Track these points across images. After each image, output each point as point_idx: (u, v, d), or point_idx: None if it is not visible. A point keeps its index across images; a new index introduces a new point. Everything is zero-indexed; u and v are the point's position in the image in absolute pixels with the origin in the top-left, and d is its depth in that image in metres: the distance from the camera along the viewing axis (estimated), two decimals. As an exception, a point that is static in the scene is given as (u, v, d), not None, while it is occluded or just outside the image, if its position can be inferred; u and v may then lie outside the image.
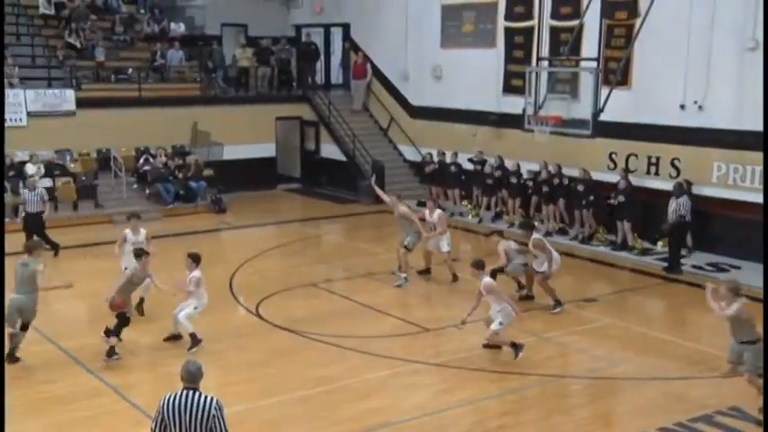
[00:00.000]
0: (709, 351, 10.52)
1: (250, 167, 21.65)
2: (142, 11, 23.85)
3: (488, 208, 18.73)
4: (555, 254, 12.30)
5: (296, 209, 21.07)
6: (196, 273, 10.53)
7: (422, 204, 19.28)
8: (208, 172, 20.32)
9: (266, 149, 22.66)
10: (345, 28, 24.10)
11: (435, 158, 20.05)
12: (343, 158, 22.35)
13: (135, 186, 19.78)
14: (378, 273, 14.17)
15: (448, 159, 19.67)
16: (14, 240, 12.98)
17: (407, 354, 10.49)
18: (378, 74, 22.97)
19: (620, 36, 16.55)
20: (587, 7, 16.16)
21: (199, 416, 5.61)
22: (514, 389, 9.47)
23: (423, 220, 13.83)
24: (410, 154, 22.01)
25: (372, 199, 20.67)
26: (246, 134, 21.60)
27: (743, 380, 8.64)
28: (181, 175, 19.89)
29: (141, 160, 20.13)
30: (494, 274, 11.96)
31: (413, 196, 20.25)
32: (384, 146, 22.53)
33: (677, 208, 14.31)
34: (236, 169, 20.95)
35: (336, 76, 24.82)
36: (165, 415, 5.66)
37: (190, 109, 21.04)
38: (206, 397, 5.72)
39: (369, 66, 23.01)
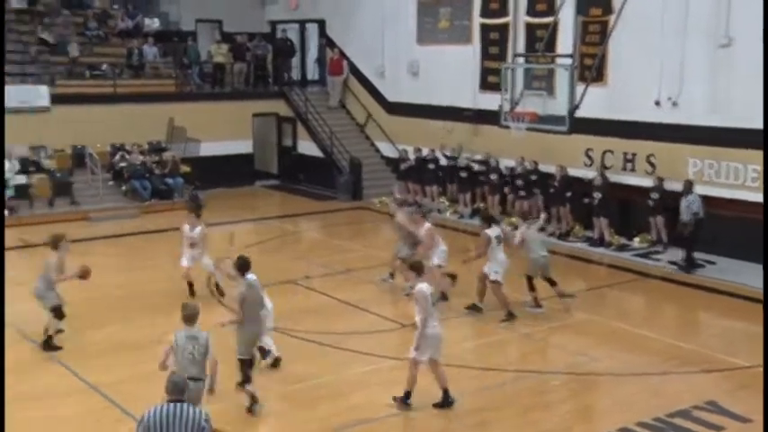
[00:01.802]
0: (685, 346, 10.66)
1: (227, 164, 21.56)
2: (116, 6, 23.61)
3: (466, 204, 18.79)
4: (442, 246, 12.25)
5: (273, 205, 21.00)
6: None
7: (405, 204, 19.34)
8: (185, 168, 20.19)
9: (243, 146, 22.56)
10: (321, 24, 24.03)
11: (412, 155, 20.09)
12: (321, 155, 22.30)
13: (111, 183, 19.59)
14: (356, 269, 14.16)
15: (425, 155, 19.73)
16: None
17: (386, 350, 10.51)
18: (354, 70, 22.94)
19: (594, 32, 16.66)
20: (562, 4, 16.24)
21: (189, 429, 5.40)
22: (494, 385, 9.52)
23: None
24: (387, 150, 22.01)
25: (349, 196, 20.73)
26: (223, 130, 21.48)
27: (720, 375, 8.71)
28: (158, 172, 19.73)
29: (117, 157, 19.94)
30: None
31: (389, 193, 20.28)
32: (361, 142, 22.52)
33: (689, 206, 14.14)
34: (213, 165, 20.83)
35: (312, 72, 24.76)
36: (152, 429, 5.38)
37: (166, 105, 20.88)
38: (194, 409, 5.52)
39: (345, 62, 22.97)
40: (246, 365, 8.67)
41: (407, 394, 8.79)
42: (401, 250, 12.68)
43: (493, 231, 11.72)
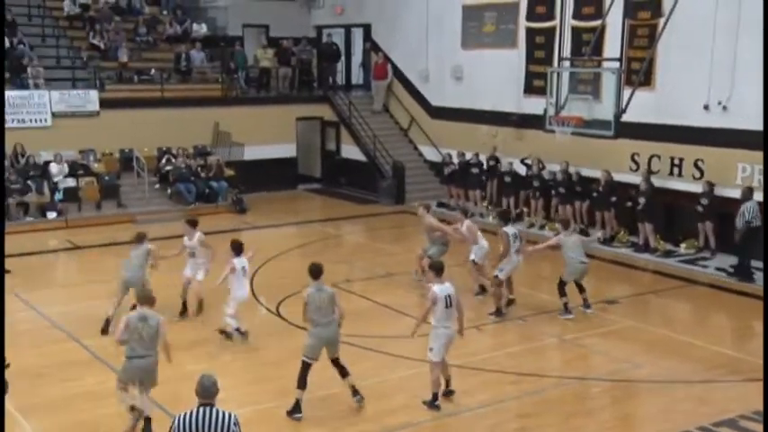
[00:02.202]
0: (732, 354, 10.42)
1: (271, 168, 21.74)
2: (165, 12, 24.04)
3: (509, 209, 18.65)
4: (483, 242, 12.67)
5: (316, 209, 21.11)
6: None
7: (442, 205, 19.37)
8: (229, 172, 20.44)
9: (287, 150, 22.73)
10: (366, 28, 24.12)
11: (455, 159, 20.02)
12: (364, 159, 22.37)
13: (157, 186, 19.93)
14: (397, 273, 14.15)
15: (468, 159, 19.67)
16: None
17: (425, 355, 10.43)
18: (398, 74, 22.96)
19: (643, 36, 16.41)
20: (610, 7, 16.04)
21: None
22: (534, 391, 9.42)
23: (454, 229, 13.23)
24: (430, 154, 21.98)
25: (392, 200, 20.74)
26: (267, 134, 21.68)
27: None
28: (203, 175, 20.01)
29: (163, 160, 20.28)
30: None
31: (433, 197, 20.28)
32: (404, 146, 22.52)
33: (743, 213, 13.83)
34: (256, 169, 21.04)
35: (357, 76, 24.85)
36: None
37: (211, 109, 21.17)
38: (224, 413, 5.47)
39: (389, 66, 23.00)
40: (304, 368, 8.71)
41: (435, 396, 8.83)
42: (429, 249, 13.11)
43: (510, 229, 12.00)
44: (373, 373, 9.83)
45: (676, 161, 16.13)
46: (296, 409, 8.63)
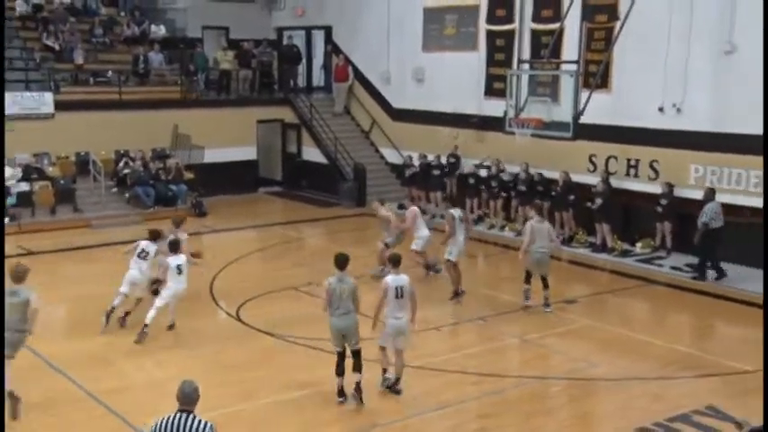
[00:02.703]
0: (686, 351, 10.62)
1: (231, 170, 21.58)
2: (122, 13, 23.72)
3: (472, 210, 18.78)
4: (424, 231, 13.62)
5: (277, 212, 20.99)
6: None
7: (402, 207, 19.40)
8: (188, 175, 20.23)
9: (247, 152, 22.60)
10: (327, 31, 24.08)
11: (417, 161, 20.10)
12: (325, 161, 22.33)
13: (114, 190, 19.63)
14: (359, 276, 14.02)
15: (430, 161, 19.77)
16: None
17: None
18: (359, 77, 22.98)
19: (599, 39, 16.65)
20: (568, 10, 16.25)
21: None
22: (494, 391, 9.48)
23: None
24: (392, 156, 22.02)
25: (353, 202, 20.74)
26: (228, 137, 21.51)
27: (720, 379, 8.68)
28: (162, 178, 19.78)
29: (121, 163, 19.99)
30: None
31: (394, 199, 20.27)
32: (365, 148, 22.53)
33: (703, 214, 13.85)
34: (217, 172, 20.85)
35: (318, 78, 24.79)
36: None
37: (170, 112, 20.92)
38: (200, 421, 5.49)
39: (350, 68, 23.01)
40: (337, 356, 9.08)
41: (384, 371, 9.24)
42: (386, 237, 13.92)
43: (456, 212, 12.80)
44: (335, 376, 9.79)
45: (633, 162, 16.40)
46: (339, 393, 9.01)
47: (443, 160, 19.74)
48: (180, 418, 5.46)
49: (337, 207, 20.75)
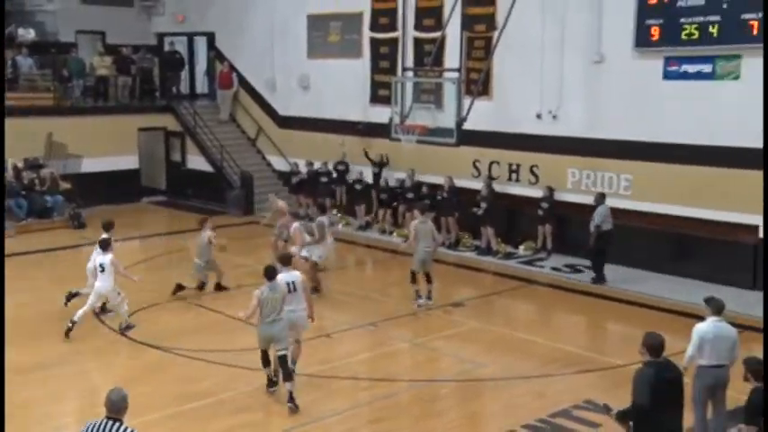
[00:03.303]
0: (566, 348, 11.10)
1: (111, 180, 20.89)
2: (-15, 16, 22.46)
3: (360, 216, 18.91)
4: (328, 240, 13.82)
5: (161, 222, 20.45)
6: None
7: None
8: (65, 185, 19.41)
9: (129, 161, 21.93)
10: (210, 37, 23.69)
11: (304, 168, 20.07)
12: (211, 169, 21.94)
13: (-17, 202, 18.57)
14: (247, 285, 13.92)
15: (317, 168, 19.80)
16: None
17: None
18: (244, 83, 22.73)
19: (480, 48, 17.16)
20: (448, 20, 16.66)
21: None
22: (385, 395, 9.60)
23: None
24: (279, 164, 21.89)
25: (241, 211, 20.46)
26: (107, 146, 20.80)
27: (596, 374, 9.10)
28: (37, 189, 18.87)
29: (-10, 174, 18.94)
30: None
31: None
32: (252, 156, 22.30)
33: (594, 218, 14.14)
34: (96, 182, 20.13)
35: (202, 85, 24.33)
36: None
37: (43, 119, 19.98)
38: (126, 429, 5.60)
39: (234, 75, 22.72)
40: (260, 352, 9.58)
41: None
42: (277, 232, 14.31)
43: (326, 220, 13.73)
44: (227, 387, 9.68)
45: (514, 167, 16.98)
46: (269, 383, 9.49)
47: (331, 167, 19.82)
48: (106, 425, 5.59)
49: (224, 216, 20.39)
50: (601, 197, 14.35)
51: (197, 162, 22.47)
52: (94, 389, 9.54)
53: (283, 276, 9.53)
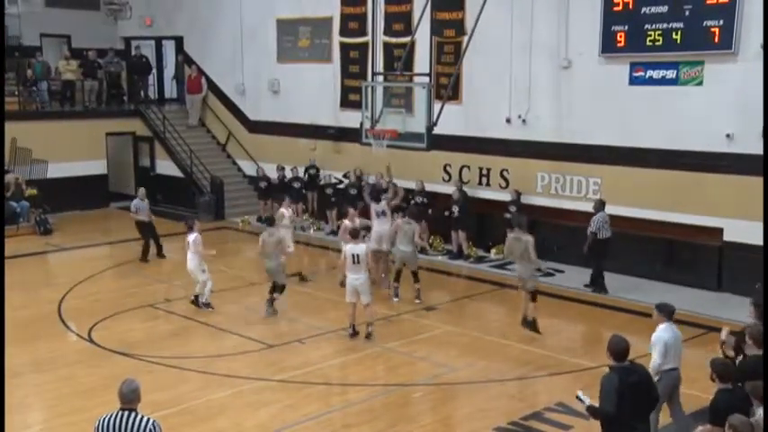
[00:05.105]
0: (538, 351, 11.16)
1: (79, 186, 20.64)
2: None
3: (332, 221, 18.85)
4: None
5: (130, 227, 19.99)
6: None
7: (261, 220, 19.25)
8: (31, 191, 19.11)
9: (96, 166, 21.66)
10: (178, 41, 23.50)
11: (274, 173, 19.98)
12: (181, 175, 21.74)
13: (-54, 208, 18.20)
14: (219, 290, 13.86)
15: (288, 174, 19.71)
16: None
17: (250, 372, 10.36)
18: (213, 88, 22.58)
19: (449, 53, 17.25)
20: (418, 24, 16.71)
21: None
22: (359, 400, 9.58)
23: None
24: (249, 169, 21.77)
25: (211, 216, 20.30)
26: (74, 151, 20.56)
27: (567, 377, 9.18)
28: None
29: (-46, 180, 18.58)
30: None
31: (253, 212, 20.14)
32: (222, 161, 22.17)
33: (590, 224, 14.00)
34: (63, 188, 19.88)
35: (170, 90, 24.14)
36: None
37: (7, 124, 19.60)
38: (143, 418, 5.60)
39: (203, 80, 22.57)
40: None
41: None
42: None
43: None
44: (197, 395, 9.60)
45: (484, 171, 17.08)
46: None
47: (301, 172, 19.74)
48: (122, 416, 5.59)
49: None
50: (600, 204, 14.16)
51: (166, 167, 22.26)
52: (59, 398, 9.40)
53: (351, 248, 11.21)
